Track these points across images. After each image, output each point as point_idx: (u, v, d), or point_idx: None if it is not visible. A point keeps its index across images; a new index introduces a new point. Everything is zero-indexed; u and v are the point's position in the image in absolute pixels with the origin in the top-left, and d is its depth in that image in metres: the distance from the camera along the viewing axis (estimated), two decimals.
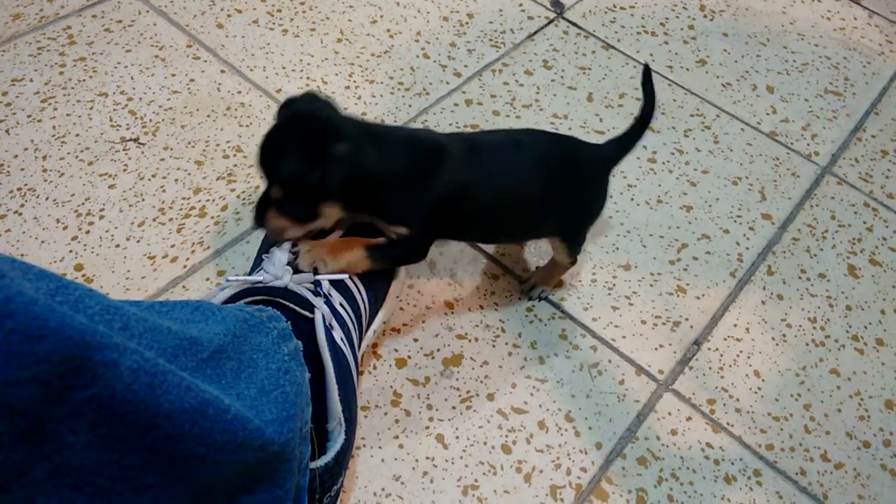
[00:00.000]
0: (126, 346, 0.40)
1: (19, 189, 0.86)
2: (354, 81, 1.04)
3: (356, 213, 0.69)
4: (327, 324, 0.64)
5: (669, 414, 0.77)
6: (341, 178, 0.62)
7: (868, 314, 0.89)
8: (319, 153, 0.61)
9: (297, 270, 0.67)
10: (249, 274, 0.72)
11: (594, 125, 1.04)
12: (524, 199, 0.73)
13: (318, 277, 0.67)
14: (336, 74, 1.05)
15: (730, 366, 0.82)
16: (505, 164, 0.72)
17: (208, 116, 0.97)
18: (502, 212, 0.73)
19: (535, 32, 1.16)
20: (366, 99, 1.02)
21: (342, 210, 0.66)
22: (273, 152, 0.64)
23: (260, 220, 0.67)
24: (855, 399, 0.81)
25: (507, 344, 0.81)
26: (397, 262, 0.75)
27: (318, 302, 0.64)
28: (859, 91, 1.16)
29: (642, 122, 0.78)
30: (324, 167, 0.61)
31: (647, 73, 0.77)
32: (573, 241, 0.79)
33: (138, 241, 0.84)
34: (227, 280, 0.67)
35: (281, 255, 0.67)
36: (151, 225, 0.85)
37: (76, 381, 0.37)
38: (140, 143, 0.93)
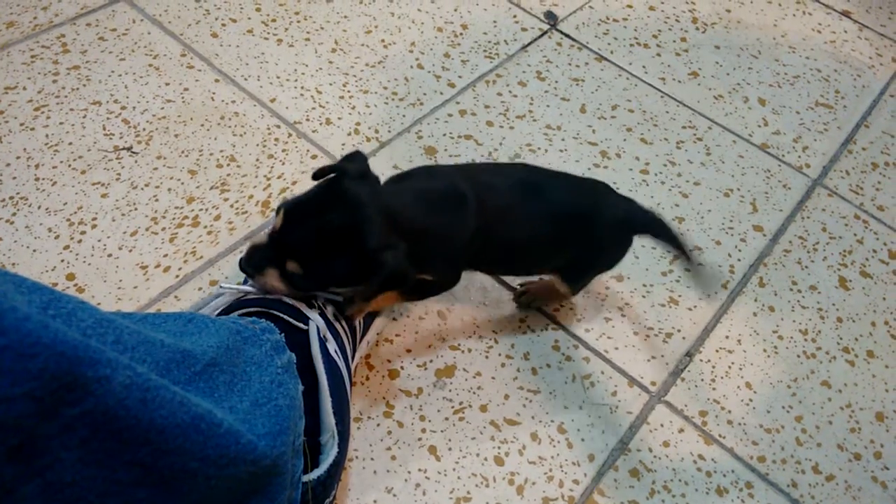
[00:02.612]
0: (118, 361, 0.40)
1: (11, 198, 0.86)
2: (349, 91, 1.04)
3: None
4: (321, 336, 0.64)
5: (662, 426, 0.78)
6: (385, 282, 0.62)
7: (859, 326, 0.89)
8: (364, 256, 0.61)
9: None
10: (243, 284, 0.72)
11: (587, 136, 1.04)
12: (534, 244, 0.73)
13: None
14: (330, 84, 1.05)
15: (722, 377, 0.82)
16: (520, 212, 0.71)
17: (202, 126, 0.97)
18: (512, 253, 0.74)
19: (529, 44, 1.17)
20: (360, 109, 1.02)
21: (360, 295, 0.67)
22: (300, 227, 0.62)
23: (254, 270, 0.65)
24: (846, 411, 0.82)
25: (499, 355, 0.81)
26: (427, 296, 0.76)
27: (312, 314, 0.64)
28: (850, 104, 1.17)
29: (678, 248, 0.79)
30: (372, 273, 0.61)
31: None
32: (574, 281, 0.79)
33: (131, 251, 0.83)
34: (221, 287, 0.66)
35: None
36: (144, 234, 0.85)
37: (68, 397, 0.37)
38: (133, 152, 0.93)
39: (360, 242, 0.61)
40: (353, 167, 0.64)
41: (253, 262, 0.64)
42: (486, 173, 0.74)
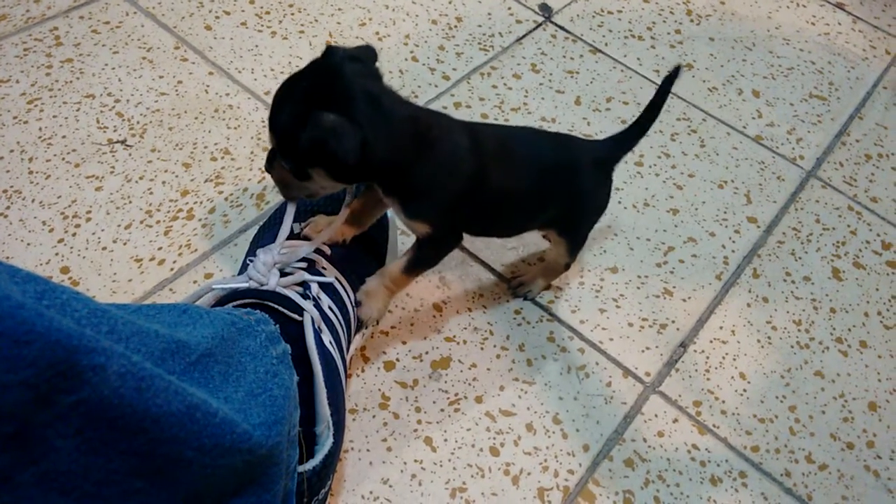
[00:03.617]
0: (113, 349, 0.40)
1: (5, 191, 0.86)
2: None
3: (372, 192, 0.67)
4: (316, 327, 0.64)
5: (656, 416, 0.78)
6: (309, 146, 0.57)
7: (852, 317, 0.90)
8: (308, 113, 0.57)
9: (283, 273, 0.67)
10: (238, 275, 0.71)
11: (582, 129, 1.04)
12: (529, 191, 0.72)
13: (307, 279, 0.67)
14: None
15: (716, 368, 0.83)
16: (513, 156, 0.71)
17: (196, 118, 0.97)
18: (508, 203, 0.72)
19: (524, 36, 1.17)
20: None
21: (330, 179, 0.62)
22: (279, 99, 0.61)
23: (269, 165, 0.65)
24: (839, 401, 0.82)
25: (495, 346, 0.81)
26: (435, 263, 0.73)
27: (307, 305, 0.64)
28: (843, 96, 1.17)
29: (647, 120, 0.77)
30: (304, 130, 0.57)
31: (673, 75, 0.75)
32: (573, 239, 0.79)
33: (125, 244, 0.83)
34: (213, 288, 0.66)
35: (265, 257, 0.66)
36: (138, 227, 0.85)
37: (63, 385, 0.37)
38: (127, 145, 0.92)
39: (310, 107, 0.57)
40: (343, 49, 0.62)
41: (268, 159, 0.65)
42: (479, 128, 0.72)
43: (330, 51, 0.62)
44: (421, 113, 0.65)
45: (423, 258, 0.70)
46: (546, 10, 1.22)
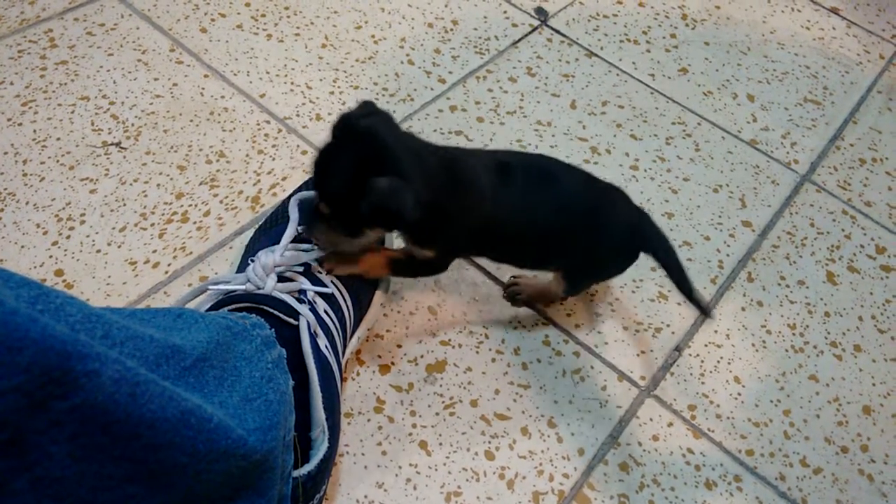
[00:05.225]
0: (108, 355, 0.40)
1: None
2: (339, 87, 1.04)
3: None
4: (312, 332, 0.64)
5: (651, 420, 0.78)
6: (374, 211, 0.60)
7: (846, 321, 0.90)
8: (365, 181, 0.59)
9: (281, 278, 0.67)
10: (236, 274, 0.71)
11: (577, 132, 1.04)
12: (545, 234, 0.72)
13: (303, 287, 0.67)
14: (320, 80, 1.05)
15: (710, 372, 0.83)
16: (536, 199, 0.71)
17: (191, 121, 0.96)
18: (520, 242, 0.73)
19: (519, 40, 1.17)
20: (350, 104, 1.02)
21: (385, 232, 0.68)
22: (324, 169, 0.63)
23: (311, 231, 0.67)
24: (833, 405, 0.82)
25: (490, 350, 0.81)
26: (417, 275, 0.77)
27: (302, 309, 0.64)
28: (838, 100, 1.18)
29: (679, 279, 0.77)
30: (364, 197, 0.59)
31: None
32: (573, 284, 0.79)
33: (119, 247, 0.83)
34: (209, 287, 0.66)
35: (266, 259, 0.66)
36: (133, 230, 0.85)
37: (57, 391, 0.37)
38: (122, 148, 0.92)
39: (365, 172, 0.60)
40: (356, 110, 0.65)
41: (309, 224, 0.67)
42: (503, 155, 0.74)
43: (349, 116, 0.64)
44: (450, 154, 0.68)
45: (411, 267, 0.72)
46: (542, 14, 1.22)
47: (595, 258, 0.77)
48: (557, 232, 0.73)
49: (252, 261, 0.68)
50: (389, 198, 0.59)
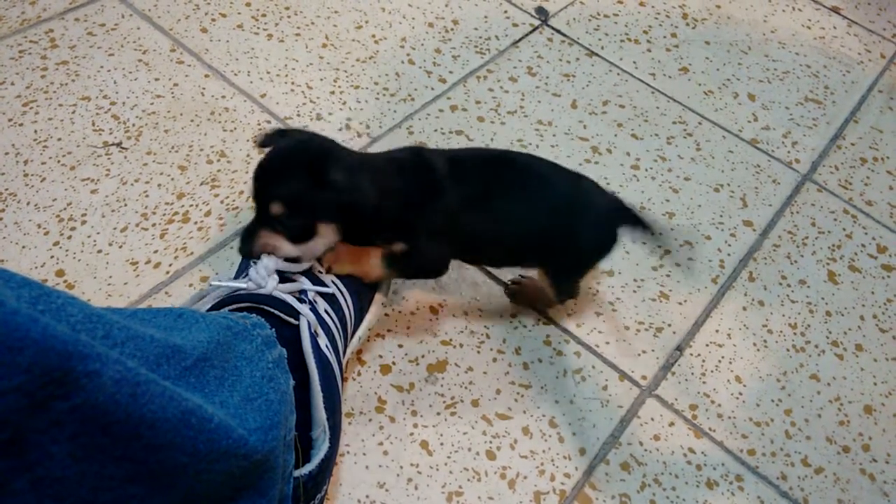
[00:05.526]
0: (108, 355, 0.40)
1: (0, 194, 0.85)
2: (339, 87, 1.04)
3: (352, 238, 0.70)
4: (312, 331, 0.64)
5: (652, 419, 0.78)
6: (336, 204, 0.64)
7: (847, 320, 0.90)
8: (322, 177, 0.64)
9: (282, 279, 0.67)
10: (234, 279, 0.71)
11: (578, 132, 1.04)
12: (516, 226, 0.73)
13: (304, 287, 0.67)
14: (321, 80, 1.05)
15: (712, 371, 0.83)
16: (502, 189, 0.71)
17: (192, 121, 0.96)
18: (494, 236, 0.73)
19: (520, 39, 1.17)
20: (351, 104, 1.02)
21: (336, 232, 0.67)
22: (275, 174, 0.65)
23: (246, 246, 0.67)
24: (835, 404, 0.82)
25: (491, 350, 0.81)
26: (414, 275, 0.78)
27: (303, 309, 0.64)
28: (839, 99, 1.18)
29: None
30: (324, 189, 0.64)
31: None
32: (559, 284, 0.79)
33: (121, 247, 0.83)
34: (211, 285, 0.66)
35: (268, 260, 0.66)
36: (134, 230, 0.85)
37: (58, 391, 0.37)
38: (123, 148, 0.92)
39: (322, 170, 0.64)
40: (292, 130, 0.71)
41: (244, 237, 0.67)
42: (464, 151, 0.77)
43: (281, 132, 0.70)
44: (391, 155, 0.72)
45: (403, 264, 0.73)
46: (542, 14, 1.22)
47: (574, 248, 0.76)
48: (530, 222, 0.73)
49: (255, 261, 0.68)
50: (351, 189, 0.64)
